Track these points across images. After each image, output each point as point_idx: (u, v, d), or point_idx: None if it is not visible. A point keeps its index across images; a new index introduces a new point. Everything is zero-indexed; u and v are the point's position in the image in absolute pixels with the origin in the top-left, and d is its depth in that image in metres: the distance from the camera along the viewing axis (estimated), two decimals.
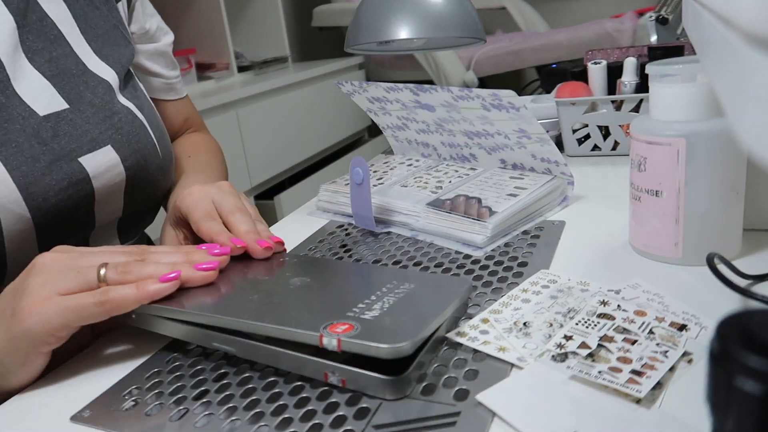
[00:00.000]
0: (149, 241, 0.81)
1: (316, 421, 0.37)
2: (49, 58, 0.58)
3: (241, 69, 2.13)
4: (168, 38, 0.78)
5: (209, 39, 2.06)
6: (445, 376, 0.39)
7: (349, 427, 0.36)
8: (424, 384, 0.39)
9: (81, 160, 0.57)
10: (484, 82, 2.14)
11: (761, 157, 0.15)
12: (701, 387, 0.21)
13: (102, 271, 0.44)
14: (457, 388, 0.38)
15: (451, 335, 0.43)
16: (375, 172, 0.77)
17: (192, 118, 0.86)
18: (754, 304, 0.43)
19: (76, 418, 0.40)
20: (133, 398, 0.41)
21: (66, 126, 0.56)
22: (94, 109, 0.59)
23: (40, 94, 0.56)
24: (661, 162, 0.48)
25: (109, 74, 0.63)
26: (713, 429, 0.20)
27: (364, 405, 0.37)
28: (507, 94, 0.61)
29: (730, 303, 0.43)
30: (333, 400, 0.38)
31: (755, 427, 0.18)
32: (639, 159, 0.49)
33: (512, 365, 0.40)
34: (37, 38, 0.58)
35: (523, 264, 0.53)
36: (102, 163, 0.58)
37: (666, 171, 0.47)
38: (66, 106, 0.57)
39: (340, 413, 0.37)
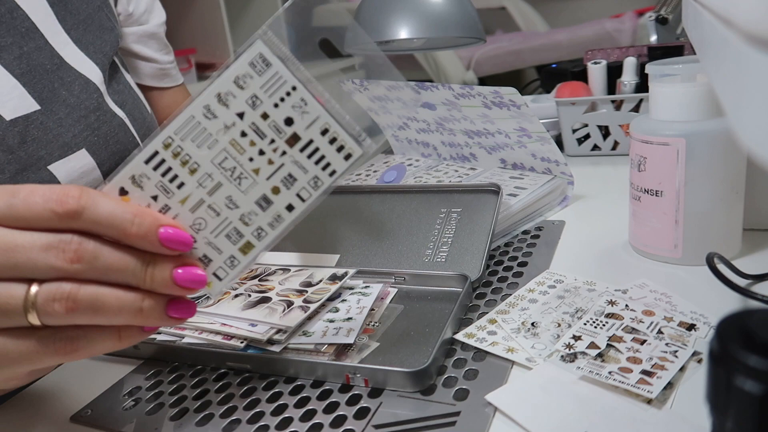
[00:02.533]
0: None
1: (316, 421, 0.37)
2: (20, 54, 0.53)
3: None
4: (158, 18, 0.71)
5: (209, 39, 2.06)
6: (445, 376, 0.39)
7: (349, 427, 0.36)
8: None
9: (51, 168, 0.52)
10: (484, 82, 2.14)
11: (761, 157, 0.15)
12: None
13: (33, 291, 0.31)
14: (457, 388, 0.38)
15: (459, 336, 0.43)
16: (375, 172, 0.77)
17: None
18: (754, 304, 0.43)
19: (76, 418, 0.40)
20: (133, 398, 0.42)
21: (35, 131, 0.52)
22: (68, 109, 0.54)
23: (7, 95, 0.51)
24: (660, 162, 0.47)
25: (91, 70, 0.58)
26: (713, 429, 0.20)
27: (364, 405, 0.37)
28: (508, 92, 0.61)
29: (730, 302, 0.43)
30: (333, 400, 0.38)
31: (755, 426, 0.18)
32: (639, 159, 0.49)
33: (513, 364, 0.40)
34: (6, 32, 0.53)
35: (523, 264, 0.53)
36: (75, 170, 0.54)
37: (666, 171, 0.47)
38: (37, 107, 0.52)
39: (340, 413, 0.37)
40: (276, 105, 0.33)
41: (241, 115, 0.33)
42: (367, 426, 0.36)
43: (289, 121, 0.33)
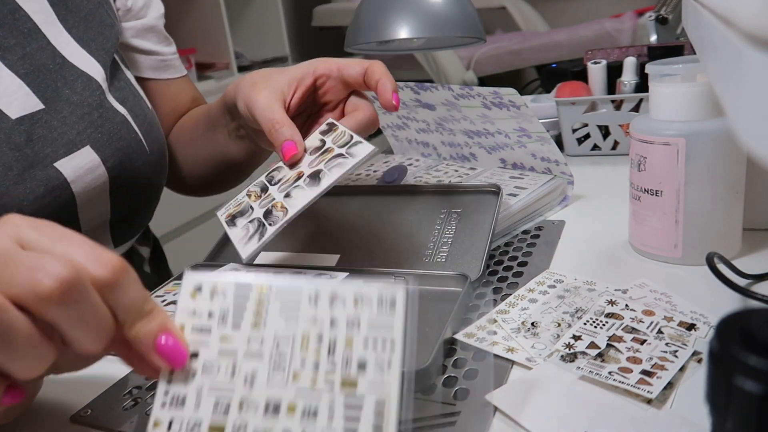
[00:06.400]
0: (155, 241, 0.79)
1: None
2: (23, 55, 0.54)
3: (241, 69, 2.13)
4: (156, 11, 0.71)
5: (209, 39, 2.06)
6: (445, 376, 0.39)
7: None
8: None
9: (57, 165, 0.53)
10: (484, 82, 2.14)
11: (761, 157, 0.15)
12: None
13: None
14: (457, 388, 0.38)
15: (459, 336, 0.43)
16: (375, 172, 0.77)
17: (200, 99, 0.77)
18: (754, 304, 0.43)
19: (76, 418, 0.40)
20: (133, 398, 0.42)
21: (41, 129, 0.53)
22: (71, 107, 0.55)
23: (12, 95, 0.52)
24: (660, 162, 0.48)
25: (93, 67, 0.58)
26: (713, 429, 0.20)
27: None
28: (508, 92, 0.61)
29: (730, 302, 0.43)
30: None
31: (755, 425, 0.18)
32: (638, 159, 0.49)
33: (513, 363, 0.40)
34: (9, 34, 0.54)
35: (523, 264, 0.53)
36: (80, 166, 0.55)
37: (665, 171, 0.47)
38: (41, 106, 0.53)
39: None
40: (365, 343, 0.30)
41: (333, 322, 0.30)
42: None
43: (362, 366, 0.29)
